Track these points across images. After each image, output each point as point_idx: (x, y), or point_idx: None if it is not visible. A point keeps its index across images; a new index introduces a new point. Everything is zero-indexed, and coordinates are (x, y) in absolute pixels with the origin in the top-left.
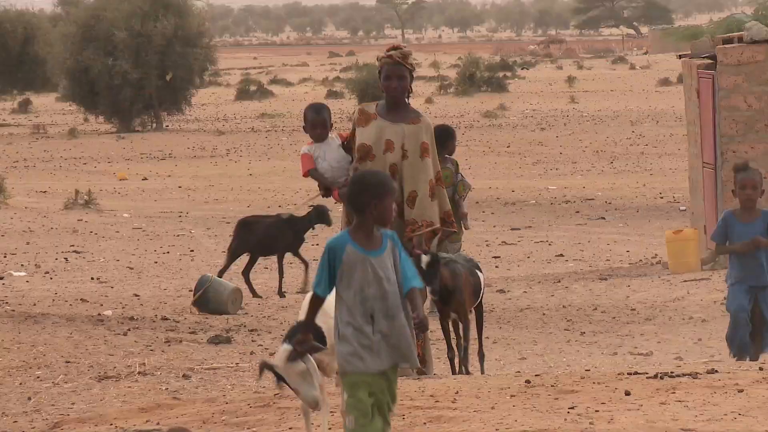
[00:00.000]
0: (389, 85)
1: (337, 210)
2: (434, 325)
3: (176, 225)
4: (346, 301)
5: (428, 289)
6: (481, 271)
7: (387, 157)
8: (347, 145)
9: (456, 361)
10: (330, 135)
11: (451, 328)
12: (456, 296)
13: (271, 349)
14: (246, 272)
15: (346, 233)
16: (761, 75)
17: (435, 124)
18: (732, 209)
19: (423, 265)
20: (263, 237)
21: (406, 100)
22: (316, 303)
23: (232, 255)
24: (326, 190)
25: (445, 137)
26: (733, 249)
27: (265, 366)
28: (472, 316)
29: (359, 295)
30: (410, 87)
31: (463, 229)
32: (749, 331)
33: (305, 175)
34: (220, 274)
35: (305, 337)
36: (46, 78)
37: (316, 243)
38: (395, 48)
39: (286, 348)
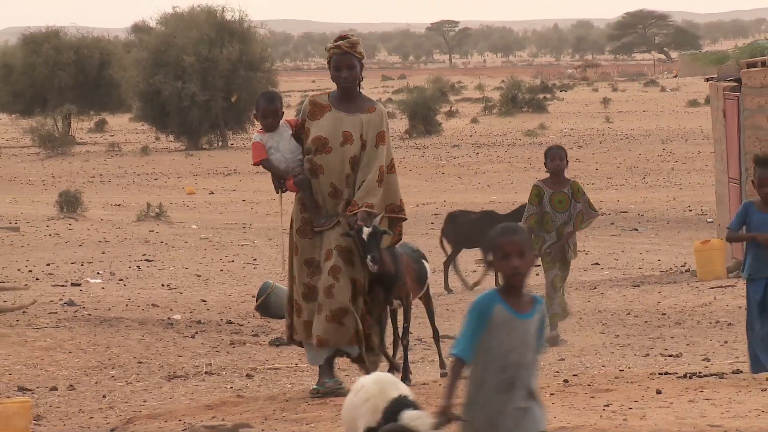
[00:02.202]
0: (339, 75)
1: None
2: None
3: (240, 236)
4: (486, 364)
5: (368, 258)
6: (427, 261)
7: (346, 149)
8: (296, 135)
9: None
10: (281, 123)
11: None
12: (398, 281)
13: None
14: (446, 264)
15: (496, 292)
16: None
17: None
18: (752, 200)
19: (364, 236)
20: (468, 231)
21: (358, 89)
22: (459, 367)
23: (454, 246)
24: (281, 181)
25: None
26: (751, 237)
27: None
28: (420, 305)
29: (501, 360)
30: (361, 75)
31: (572, 256)
32: (761, 336)
33: (256, 163)
34: (447, 263)
35: (450, 403)
36: (121, 100)
37: None
38: (343, 38)
39: (419, 414)
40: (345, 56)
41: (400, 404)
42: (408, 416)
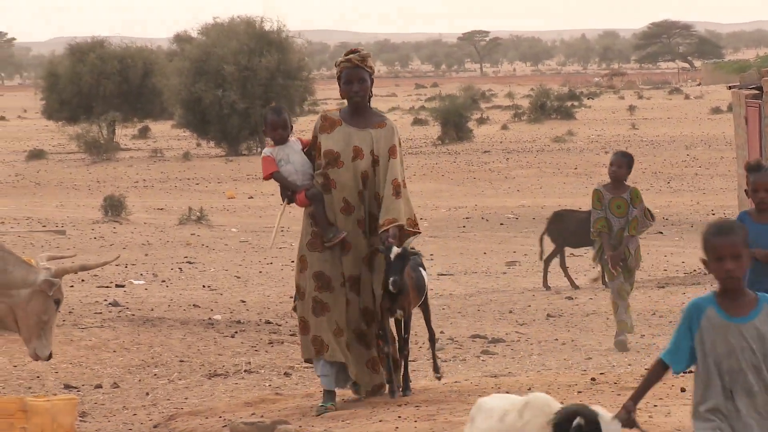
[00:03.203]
0: (350, 89)
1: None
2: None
3: (278, 238)
4: (703, 372)
5: (390, 279)
6: (424, 269)
7: (357, 164)
8: (308, 152)
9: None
10: (291, 138)
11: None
12: (404, 292)
13: None
14: (547, 261)
15: (713, 294)
16: None
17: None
18: (747, 210)
19: (391, 255)
20: (574, 230)
21: (368, 103)
22: (659, 370)
23: (558, 245)
24: (290, 194)
25: None
26: (752, 253)
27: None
28: (418, 313)
29: (717, 366)
30: (371, 90)
31: (632, 262)
32: None
33: (267, 177)
34: (547, 261)
35: (634, 403)
36: (163, 107)
37: None
38: (353, 51)
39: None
40: (356, 70)
41: (571, 411)
42: (604, 417)
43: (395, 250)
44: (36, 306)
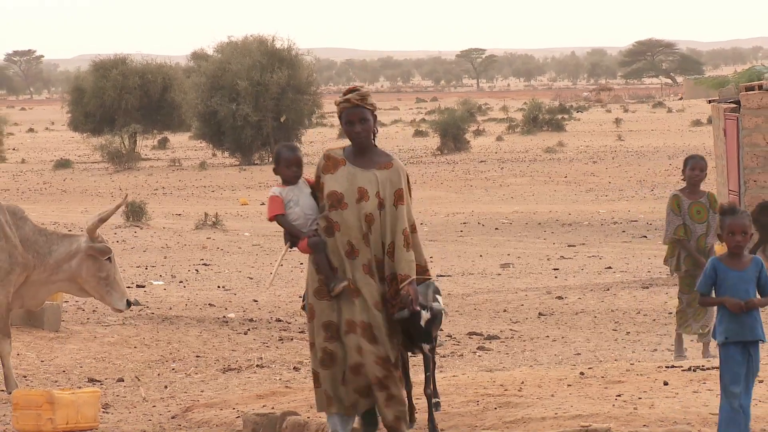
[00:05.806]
0: (352, 129)
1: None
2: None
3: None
4: None
5: (427, 347)
6: (440, 295)
7: (361, 206)
8: (313, 192)
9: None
10: (300, 179)
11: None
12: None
13: None
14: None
15: None
16: None
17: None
18: (717, 256)
19: (422, 323)
20: None
21: (373, 141)
22: None
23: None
24: (293, 238)
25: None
26: (719, 301)
27: None
28: None
29: None
30: (375, 128)
31: None
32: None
33: (271, 219)
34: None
35: None
36: (181, 120)
37: None
38: (352, 90)
39: None
40: (356, 109)
41: None
42: None
43: (424, 315)
44: (89, 269)
